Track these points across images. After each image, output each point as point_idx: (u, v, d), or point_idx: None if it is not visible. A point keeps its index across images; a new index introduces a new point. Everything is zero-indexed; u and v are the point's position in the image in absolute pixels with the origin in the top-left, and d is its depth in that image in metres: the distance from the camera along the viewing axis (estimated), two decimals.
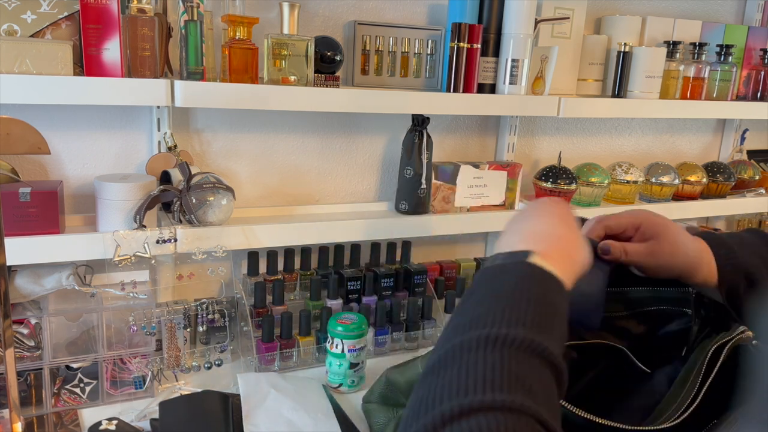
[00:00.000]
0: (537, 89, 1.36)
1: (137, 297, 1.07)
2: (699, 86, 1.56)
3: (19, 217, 0.98)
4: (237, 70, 1.07)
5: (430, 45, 1.33)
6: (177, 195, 1.07)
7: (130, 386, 1.05)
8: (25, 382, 0.98)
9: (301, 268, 1.29)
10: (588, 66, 1.50)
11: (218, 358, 1.14)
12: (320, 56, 1.16)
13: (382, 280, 1.28)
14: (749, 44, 1.66)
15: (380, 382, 0.96)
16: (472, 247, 1.56)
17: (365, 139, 1.37)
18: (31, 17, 0.99)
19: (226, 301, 1.17)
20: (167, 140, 1.15)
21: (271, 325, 1.13)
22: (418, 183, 1.29)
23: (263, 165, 1.29)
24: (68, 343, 1.03)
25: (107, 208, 1.05)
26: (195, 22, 1.02)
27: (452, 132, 1.46)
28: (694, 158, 1.81)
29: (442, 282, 1.36)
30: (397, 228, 1.27)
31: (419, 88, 1.34)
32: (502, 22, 1.28)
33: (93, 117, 1.13)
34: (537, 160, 1.58)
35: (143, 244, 1.04)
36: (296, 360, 1.17)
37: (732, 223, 1.91)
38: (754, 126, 1.85)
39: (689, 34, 1.60)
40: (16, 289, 1.01)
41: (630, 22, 1.51)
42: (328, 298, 1.23)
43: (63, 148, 1.12)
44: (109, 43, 0.98)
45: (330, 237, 1.21)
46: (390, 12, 1.33)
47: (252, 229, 1.13)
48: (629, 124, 1.69)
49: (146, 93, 1.00)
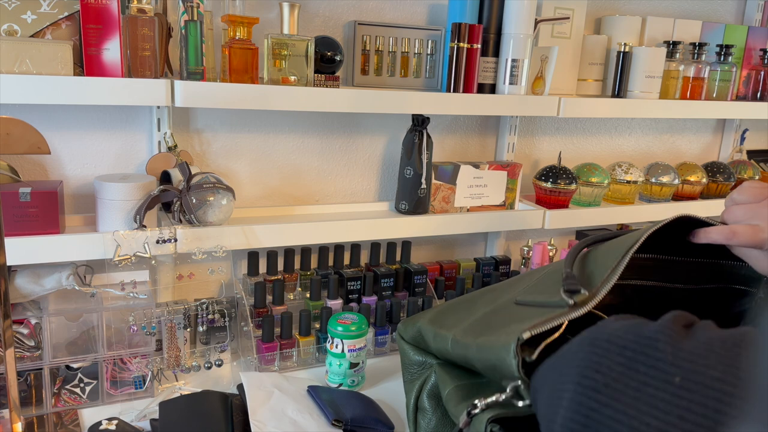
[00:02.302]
0: (537, 89, 1.36)
1: (137, 297, 1.07)
2: (699, 86, 1.56)
3: (19, 217, 0.98)
4: (237, 70, 1.07)
5: (430, 45, 1.33)
6: (177, 195, 1.07)
7: (130, 386, 1.05)
8: (25, 382, 0.98)
9: (301, 268, 1.29)
10: (588, 66, 1.50)
11: (218, 358, 1.14)
12: (320, 56, 1.16)
13: (382, 280, 1.28)
14: (749, 44, 1.66)
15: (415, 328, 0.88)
16: (472, 247, 1.56)
17: (365, 139, 1.37)
18: (31, 17, 0.99)
19: (226, 301, 1.17)
20: (167, 140, 1.15)
21: (271, 325, 1.13)
22: (418, 183, 1.29)
23: (263, 165, 1.29)
24: (68, 343, 1.03)
25: (107, 208, 1.05)
26: (195, 22, 1.03)
27: (452, 132, 1.46)
28: (694, 158, 1.81)
29: (442, 282, 1.36)
30: (397, 228, 1.27)
31: (419, 88, 1.34)
32: (502, 22, 1.28)
33: (93, 117, 1.13)
34: (537, 160, 1.58)
35: (143, 244, 1.04)
36: (296, 360, 1.17)
37: None
38: (754, 126, 1.85)
39: (689, 34, 1.60)
40: (16, 289, 1.01)
41: (630, 22, 1.51)
42: (328, 298, 1.23)
43: (63, 148, 1.12)
44: (109, 43, 0.98)
45: (330, 237, 1.21)
46: (390, 12, 1.33)
47: (252, 229, 1.13)
48: (629, 124, 1.69)
49: (146, 93, 1.00)
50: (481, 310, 0.75)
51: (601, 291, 0.61)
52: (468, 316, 0.75)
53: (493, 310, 0.72)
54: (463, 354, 0.69)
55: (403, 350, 0.86)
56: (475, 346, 0.65)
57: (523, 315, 0.64)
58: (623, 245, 0.66)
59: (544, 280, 0.73)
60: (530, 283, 0.74)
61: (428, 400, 0.79)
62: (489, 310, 0.73)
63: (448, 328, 0.75)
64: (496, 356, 0.59)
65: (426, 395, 0.79)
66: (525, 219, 1.39)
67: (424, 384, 0.80)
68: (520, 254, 1.50)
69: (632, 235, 0.68)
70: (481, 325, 0.70)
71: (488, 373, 0.65)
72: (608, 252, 0.68)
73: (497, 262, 1.45)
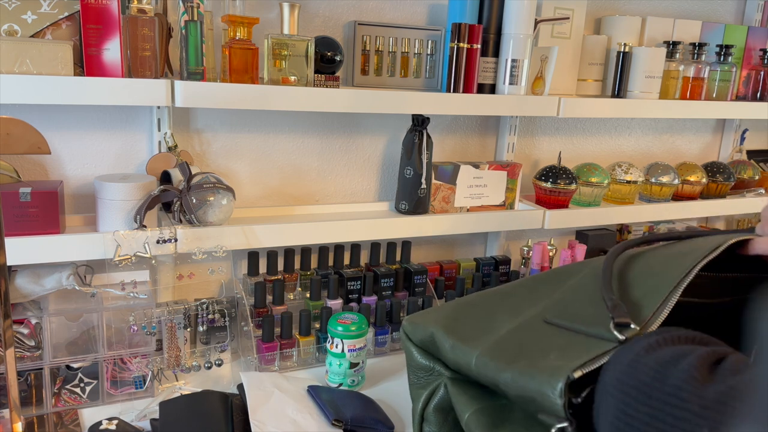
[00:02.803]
0: (537, 89, 1.36)
1: (137, 297, 1.07)
2: (699, 86, 1.56)
3: (19, 217, 0.98)
4: (237, 70, 1.07)
5: (430, 45, 1.33)
6: (177, 195, 1.07)
7: (130, 386, 1.05)
8: (25, 382, 0.99)
9: (301, 268, 1.29)
10: (588, 66, 1.50)
11: (218, 358, 1.14)
12: (320, 56, 1.17)
13: (382, 280, 1.28)
14: (749, 44, 1.66)
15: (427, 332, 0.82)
16: (472, 247, 1.56)
17: (365, 139, 1.37)
18: (32, 17, 1.00)
19: (226, 301, 1.17)
20: (167, 140, 1.15)
21: (271, 325, 1.13)
22: (418, 183, 1.30)
23: (263, 165, 1.29)
24: (68, 343, 1.03)
25: (107, 208, 1.05)
26: (195, 22, 1.03)
27: (452, 132, 1.46)
28: (694, 158, 1.81)
29: (442, 282, 1.36)
30: (397, 228, 1.27)
31: (419, 88, 1.34)
32: (502, 22, 1.28)
33: (93, 117, 1.13)
34: (537, 160, 1.58)
35: (143, 244, 1.04)
36: (296, 360, 1.17)
37: (732, 223, 1.91)
38: (753, 126, 1.85)
39: (689, 34, 1.60)
40: (17, 289, 1.01)
41: (630, 22, 1.51)
42: (328, 298, 1.23)
43: (63, 148, 1.13)
44: (110, 43, 0.98)
45: (330, 237, 1.21)
46: (390, 12, 1.33)
47: (252, 229, 1.13)
48: (629, 124, 1.69)
49: (146, 93, 1.00)
50: (505, 324, 0.70)
51: (651, 326, 0.58)
52: (490, 329, 0.71)
53: (520, 328, 0.68)
54: (492, 377, 0.64)
55: (409, 352, 0.80)
56: (510, 372, 0.61)
57: (564, 342, 0.61)
58: (673, 271, 0.62)
59: (574, 294, 0.69)
60: (556, 296, 0.70)
61: (435, 413, 0.76)
62: (514, 327, 0.69)
63: (469, 342, 0.70)
64: (538, 390, 0.56)
65: (433, 408, 0.76)
66: (525, 219, 1.39)
67: (432, 395, 0.76)
68: (520, 254, 1.50)
69: (681, 256, 0.64)
70: (511, 346, 0.65)
71: (520, 402, 0.62)
72: (655, 276, 0.64)
73: (497, 262, 1.45)
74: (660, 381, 0.49)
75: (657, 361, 0.51)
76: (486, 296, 0.79)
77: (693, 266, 0.62)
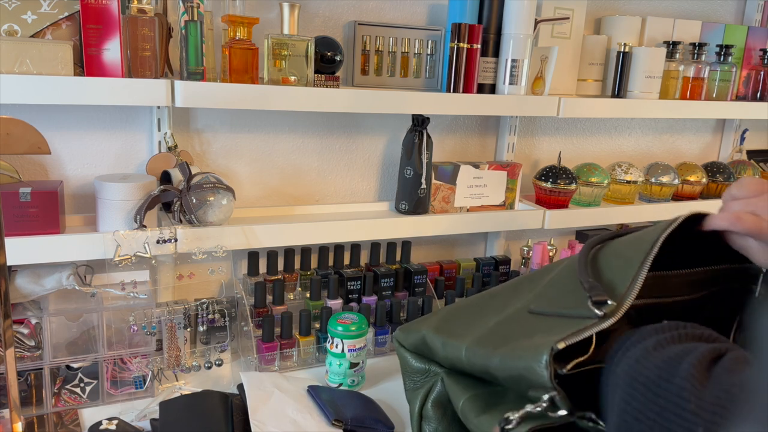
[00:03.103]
0: (537, 89, 1.36)
1: (137, 297, 1.07)
2: (699, 86, 1.56)
3: (19, 217, 0.98)
4: (237, 70, 1.07)
5: (430, 45, 1.33)
6: (177, 195, 1.08)
7: (130, 386, 1.05)
8: (25, 381, 0.99)
9: (301, 268, 1.29)
10: (588, 66, 1.50)
11: (218, 358, 1.14)
12: (320, 56, 1.17)
13: (382, 280, 1.28)
14: (749, 44, 1.66)
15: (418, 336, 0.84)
16: (472, 247, 1.56)
17: (365, 139, 1.37)
18: (32, 17, 1.00)
19: (226, 301, 1.17)
20: (167, 140, 1.15)
21: (271, 325, 1.13)
22: (418, 183, 1.30)
23: (263, 165, 1.29)
24: (68, 343, 1.03)
25: (107, 208, 1.05)
26: (195, 22, 1.03)
27: (452, 132, 1.46)
28: (694, 158, 1.81)
29: (442, 282, 1.36)
30: (397, 228, 1.27)
31: (419, 88, 1.34)
32: (502, 22, 1.28)
33: (93, 117, 1.13)
34: (537, 160, 1.58)
35: (143, 244, 1.04)
36: (296, 360, 1.17)
37: None
38: (753, 126, 1.85)
39: (689, 34, 1.60)
40: (16, 289, 1.01)
41: (630, 22, 1.51)
42: (328, 298, 1.23)
43: (63, 148, 1.13)
44: (110, 43, 0.98)
45: (330, 237, 1.21)
46: (390, 12, 1.33)
47: (252, 229, 1.13)
48: (629, 124, 1.69)
49: (146, 93, 1.00)
50: (492, 319, 0.74)
51: (626, 301, 0.61)
52: (478, 325, 0.74)
53: (505, 320, 0.72)
54: (482, 364, 0.68)
55: (404, 358, 0.84)
56: (498, 356, 0.64)
57: (547, 326, 0.64)
58: (638, 249, 0.65)
59: (554, 287, 0.72)
60: (538, 290, 0.73)
61: (433, 408, 0.78)
62: (500, 320, 0.72)
63: (458, 337, 0.74)
64: (525, 366, 0.59)
65: (431, 404, 0.78)
66: (525, 219, 1.39)
67: (429, 392, 0.79)
68: (520, 254, 1.50)
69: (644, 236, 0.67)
70: (497, 335, 0.69)
71: (510, 382, 0.64)
72: (622, 256, 0.67)
73: (497, 262, 1.45)
74: (666, 379, 0.50)
75: (664, 359, 0.52)
76: (474, 298, 0.83)
77: (656, 239, 0.65)
